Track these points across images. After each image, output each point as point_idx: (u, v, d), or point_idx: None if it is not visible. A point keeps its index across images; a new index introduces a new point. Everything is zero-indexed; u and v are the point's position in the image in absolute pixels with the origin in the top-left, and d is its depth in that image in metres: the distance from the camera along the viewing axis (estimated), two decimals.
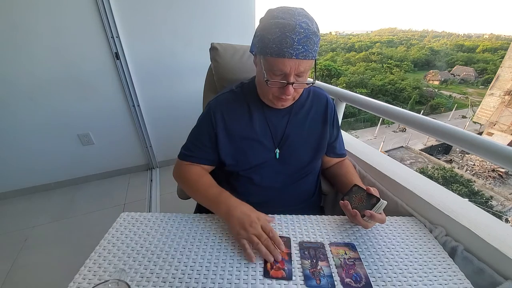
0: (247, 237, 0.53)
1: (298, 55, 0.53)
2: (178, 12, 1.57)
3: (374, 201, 0.56)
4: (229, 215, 0.58)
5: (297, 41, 0.51)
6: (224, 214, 0.59)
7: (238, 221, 0.55)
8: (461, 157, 16.15)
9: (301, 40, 0.52)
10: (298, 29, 0.51)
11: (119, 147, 1.88)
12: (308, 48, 0.53)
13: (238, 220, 0.55)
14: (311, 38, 0.53)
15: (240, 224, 0.55)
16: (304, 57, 0.53)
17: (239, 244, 0.53)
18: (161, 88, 1.77)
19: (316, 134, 0.73)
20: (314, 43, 0.54)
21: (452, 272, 0.51)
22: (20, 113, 1.51)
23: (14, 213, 1.61)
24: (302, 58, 0.53)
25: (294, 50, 0.52)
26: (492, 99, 21.58)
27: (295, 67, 0.54)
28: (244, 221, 0.55)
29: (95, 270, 0.49)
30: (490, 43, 69.33)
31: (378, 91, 29.90)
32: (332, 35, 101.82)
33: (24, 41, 1.34)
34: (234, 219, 0.56)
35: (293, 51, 0.52)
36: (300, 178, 0.73)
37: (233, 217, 0.56)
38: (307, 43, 0.53)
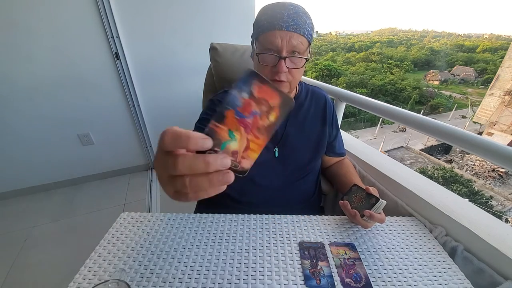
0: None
1: (289, 27, 0.53)
2: (178, 12, 1.57)
3: (373, 201, 0.56)
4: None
5: (287, 15, 0.53)
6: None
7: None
8: (461, 157, 16.16)
9: (291, 14, 0.54)
10: (288, 6, 0.54)
11: (119, 147, 1.88)
12: (299, 22, 0.54)
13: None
14: (302, 16, 0.55)
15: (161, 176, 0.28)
16: (295, 30, 0.54)
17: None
18: (161, 88, 1.77)
19: (315, 134, 0.73)
20: (305, 21, 0.55)
21: (452, 272, 0.51)
22: (20, 113, 1.51)
23: (14, 213, 1.61)
24: (293, 31, 0.54)
25: (284, 23, 0.53)
26: (492, 99, 21.60)
27: (287, 40, 0.54)
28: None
29: (95, 270, 0.49)
30: (490, 43, 69.37)
31: (378, 91, 29.93)
32: (332, 35, 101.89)
33: (24, 41, 1.34)
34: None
35: (283, 23, 0.53)
36: (300, 178, 0.73)
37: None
38: (298, 18, 0.54)
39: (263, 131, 0.26)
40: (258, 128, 0.26)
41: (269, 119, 0.26)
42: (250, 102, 0.25)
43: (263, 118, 0.26)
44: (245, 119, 0.25)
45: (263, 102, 0.26)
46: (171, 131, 0.23)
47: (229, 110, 0.25)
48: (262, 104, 0.26)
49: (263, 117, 0.26)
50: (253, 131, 0.26)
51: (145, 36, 1.56)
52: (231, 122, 0.25)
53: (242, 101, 0.25)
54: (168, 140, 0.22)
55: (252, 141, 0.26)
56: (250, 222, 0.62)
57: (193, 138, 0.22)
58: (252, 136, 0.26)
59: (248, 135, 0.26)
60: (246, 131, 0.26)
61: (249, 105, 0.25)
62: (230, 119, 0.25)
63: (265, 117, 0.26)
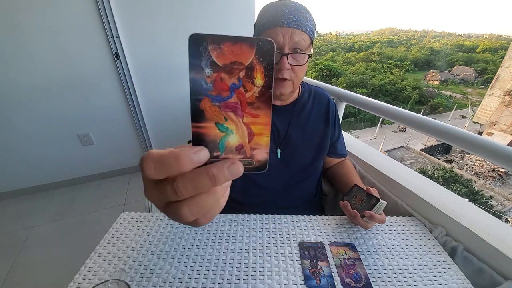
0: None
1: (290, 23, 0.54)
2: (178, 12, 1.57)
3: (373, 202, 0.56)
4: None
5: (288, 12, 0.54)
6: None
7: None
8: (461, 157, 16.16)
9: (292, 11, 0.54)
10: (289, 3, 0.55)
11: (119, 147, 1.88)
12: (300, 18, 0.54)
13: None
14: (303, 13, 0.55)
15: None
16: (297, 26, 0.54)
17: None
18: (161, 88, 1.77)
19: (318, 135, 0.73)
20: (306, 18, 0.56)
21: (452, 272, 0.51)
22: (20, 113, 1.51)
23: (14, 213, 1.61)
24: (294, 27, 0.54)
25: (285, 19, 0.53)
26: (492, 99, 21.61)
27: (288, 36, 0.54)
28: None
29: (95, 270, 0.49)
30: (490, 43, 69.40)
31: (378, 91, 29.94)
32: (332, 35, 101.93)
33: (24, 41, 1.34)
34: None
35: (284, 20, 0.53)
36: (302, 179, 0.73)
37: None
38: (299, 14, 0.55)
39: (258, 104, 0.19)
40: (250, 103, 0.19)
41: (256, 83, 0.19)
42: (220, 76, 0.18)
43: (249, 87, 0.19)
44: (227, 101, 0.19)
45: (236, 66, 0.18)
46: (150, 157, 0.17)
47: (202, 100, 0.18)
48: (235, 70, 0.18)
49: (247, 86, 0.19)
50: (246, 110, 0.19)
51: (145, 36, 1.56)
52: (214, 113, 0.19)
53: (210, 81, 0.18)
54: (151, 170, 0.17)
55: (252, 124, 0.20)
56: (250, 222, 0.62)
57: (184, 156, 0.17)
58: (249, 117, 0.20)
59: (243, 119, 0.20)
60: (237, 115, 0.19)
61: (221, 81, 0.18)
62: (210, 110, 0.19)
63: (250, 85, 0.19)
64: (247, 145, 0.20)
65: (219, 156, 0.20)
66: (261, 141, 0.20)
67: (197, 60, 0.18)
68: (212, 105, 0.19)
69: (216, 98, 0.19)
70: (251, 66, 0.18)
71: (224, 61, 0.18)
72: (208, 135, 0.19)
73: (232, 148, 0.20)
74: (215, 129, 0.19)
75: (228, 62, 0.18)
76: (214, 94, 0.18)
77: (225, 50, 0.18)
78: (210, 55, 0.18)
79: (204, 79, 0.18)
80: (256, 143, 0.20)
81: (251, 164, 0.20)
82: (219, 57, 0.18)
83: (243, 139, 0.20)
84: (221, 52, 0.18)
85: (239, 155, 0.20)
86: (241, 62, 0.18)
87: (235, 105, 0.19)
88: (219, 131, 0.19)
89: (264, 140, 0.20)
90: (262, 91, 0.19)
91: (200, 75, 0.18)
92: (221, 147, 0.20)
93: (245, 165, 0.20)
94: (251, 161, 0.20)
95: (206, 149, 0.18)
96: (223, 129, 0.19)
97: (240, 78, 0.19)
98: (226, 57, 0.18)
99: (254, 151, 0.20)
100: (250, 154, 0.20)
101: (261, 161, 0.21)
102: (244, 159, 0.20)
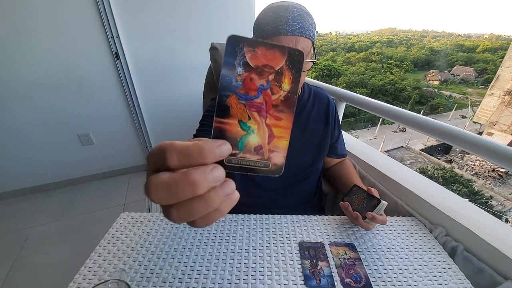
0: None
1: (294, 31, 0.52)
2: (178, 12, 1.57)
3: (375, 203, 0.56)
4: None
5: (292, 18, 0.52)
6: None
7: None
8: (461, 157, 16.16)
9: (295, 17, 0.52)
10: (291, 8, 0.52)
11: (119, 147, 1.88)
12: (304, 25, 0.53)
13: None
14: (306, 18, 0.53)
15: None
16: (301, 33, 0.52)
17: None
18: (161, 88, 1.77)
19: (318, 135, 0.73)
20: (309, 23, 0.54)
21: (452, 272, 0.51)
22: (20, 113, 1.51)
23: (14, 213, 1.61)
24: (299, 35, 0.52)
25: (289, 27, 0.51)
26: (492, 99, 21.61)
27: (293, 45, 0.53)
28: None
29: (95, 270, 0.49)
30: (490, 43, 69.41)
31: (378, 91, 29.93)
32: (332, 35, 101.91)
33: (24, 41, 1.34)
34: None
35: (288, 28, 0.51)
36: (302, 179, 0.73)
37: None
38: (302, 21, 0.52)
39: (282, 108, 0.20)
40: (275, 106, 0.20)
41: (283, 88, 0.20)
42: (251, 76, 0.19)
43: (276, 90, 0.20)
44: (253, 101, 0.19)
45: (266, 69, 0.19)
46: (174, 148, 0.17)
47: (230, 97, 0.19)
48: (265, 72, 0.19)
49: (274, 89, 0.19)
50: (270, 112, 0.20)
51: (145, 36, 1.56)
52: (238, 111, 0.19)
53: (240, 79, 0.19)
54: (174, 160, 0.16)
55: (274, 126, 0.20)
56: (250, 222, 0.62)
57: (208, 149, 0.17)
58: (271, 119, 0.20)
59: (266, 120, 0.20)
60: (261, 116, 0.20)
61: (251, 81, 0.19)
62: (235, 107, 0.19)
63: (277, 88, 0.20)
64: (266, 147, 0.20)
65: (237, 154, 0.20)
66: (280, 144, 0.20)
67: (231, 59, 0.18)
68: (238, 103, 0.19)
69: (243, 97, 0.19)
70: (280, 71, 0.19)
71: (256, 63, 0.19)
72: (230, 132, 0.19)
73: (251, 148, 0.20)
74: (237, 126, 0.19)
75: (260, 64, 0.19)
76: (242, 93, 0.19)
77: (259, 53, 0.19)
78: (245, 55, 0.19)
79: (235, 76, 0.19)
80: (275, 146, 0.20)
81: (267, 166, 0.20)
82: (253, 59, 0.19)
83: (263, 140, 0.20)
84: (255, 54, 0.19)
85: (257, 155, 0.20)
86: (272, 66, 0.19)
87: (260, 105, 0.20)
88: (241, 129, 0.19)
89: (283, 143, 0.20)
90: (287, 95, 0.20)
91: (232, 72, 0.19)
92: (240, 146, 0.20)
93: (261, 167, 0.20)
94: (267, 164, 0.20)
95: (228, 144, 0.18)
96: (245, 127, 0.19)
97: (269, 81, 0.19)
98: (259, 60, 0.19)
99: (272, 154, 0.20)
100: (268, 156, 0.20)
101: (277, 164, 0.21)
102: (260, 160, 0.20)
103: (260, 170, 0.20)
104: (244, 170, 0.20)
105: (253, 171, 0.21)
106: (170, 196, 0.16)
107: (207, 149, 0.17)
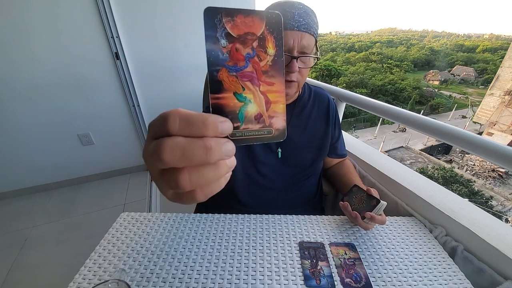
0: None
1: (300, 27, 0.53)
2: (178, 12, 1.57)
3: (374, 203, 0.56)
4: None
5: (298, 14, 0.53)
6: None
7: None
8: (461, 157, 16.16)
9: (301, 14, 0.54)
10: (298, 5, 0.54)
11: (119, 147, 1.88)
12: (309, 21, 0.54)
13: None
14: (311, 15, 0.55)
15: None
16: (306, 29, 0.54)
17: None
18: (161, 88, 1.77)
19: (318, 135, 0.73)
20: (313, 21, 0.56)
21: (452, 272, 0.51)
22: (20, 113, 1.51)
23: (14, 213, 1.61)
24: (304, 31, 0.54)
25: (295, 22, 0.53)
26: (492, 99, 21.61)
27: (298, 40, 0.54)
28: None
29: (95, 270, 0.49)
30: (490, 43, 69.42)
31: (378, 91, 29.94)
32: (332, 35, 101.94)
33: (24, 41, 1.34)
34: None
35: (294, 23, 0.53)
36: (302, 179, 0.73)
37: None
38: (307, 17, 0.54)
39: (272, 72, 0.20)
40: (265, 72, 0.20)
41: (269, 52, 0.20)
42: (236, 47, 0.19)
43: (262, 56, 0.20)
44: (243, 71, 0.19)
45: (249, 37, 0.19)
46: (178, 113, 0.17)
47: (220, 71, 0.19)
48: (249, 40, 0.19)
49: (261, 55, 0.20)
50: (262, 79, 0.20)
51: (145, 36, 1.56)
52: (232, 83, 0.19)
53: (226, 51, 0.19)
54: (175, 124, 0.16)
55: (268, 92, 0.20)
56: (250, 222, 0.62)
57: (211, 122, 0.17)
58: (264, 86, 0.20)
59: (260, 87, 0.20)
60: (254, 84, 0.20)
61: (237, 51, 0.19)
62: (227, 80, 0.19)
63: (263, 54, 0.20)
64: (265, 114, 0.20)
65: (239, 127, 0.20)
66: (277, 109, 0.21)
67: (212, 32, 0.18)
68: (229, 75, 0.19)
69: (233, 68, 0.19)
70: (262, 36, 0.19)
71: (238, 32, 0.19)
72: (227, 106, 0.19)
73: (251, 117, 0.20)
74: (233, 99, 0.19)
75: (242, 33, 0.19)
76: (231, 64, 0.19)
77: (239, 22, 0.19)
78: (225, 26, 0.18)
79: (220, 50, 0.19)
80: (273, 111, 0.21)
81: (270, 133, 0.21)
82: (233, 28, 0.19)
83: (261, 108, 0.20)
84: (234, 24, 0.19)
85: (258, 124, 0.20)
86: (253, 33, 0.19)
87: (251, 74, 0.20)
88: (237, 101, 0.19)
89: (280, 107, 0.21)
90: (274, 59, 0.20)
91: (217, 46, 0.18)
92: (241, 117, 0.20)
93: (264, 134, 0.20)
94: (270, 130, 0.21)
95: (230, 122, 0.18)
96: (241, 98, 0.20)
97: (254, 48, 0.19)
98: (240, 29, 0.19)
99: (272, 119, 0.21)
100: (268, 122, 0.20)
101: (279, 129, 0.21)
102: (263, 128, 0.20)
103: (264, 138, 0.20)
104: (250, 141, 0.20)
105: (258, 140, 0.21)
106: (183, 158, 0.16)
107: (211, 121, 0.17)
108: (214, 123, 0.17)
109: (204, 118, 0.17)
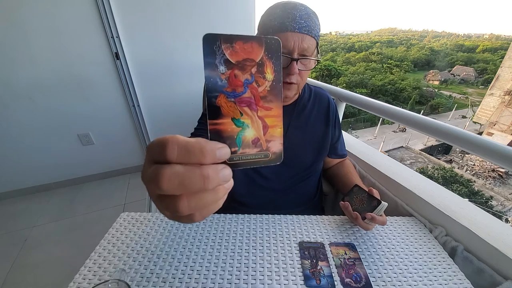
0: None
1: (302, 29, 0.53)
2: (178, 12, 1.57)
3: (375, 204, 0.56)
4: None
5: (299, 16, 0.53)
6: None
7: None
8: (461, 157, 16.16)
9: (303, 16, 0.53)
10: (299, 7, 0.54)
11: (119, 147, 1.88)
12: (310, 23, 0.54)
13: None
14: (312, 17, 0.55)
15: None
16: (307, 32, 0.53)
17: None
18: (161, 88, 1.77)
19: (318, 135, 0.73)
20: (315, 23, 0.55)
21: (452, 272, 0.51)
22: (20, 113, 1.51)
23: (14, 213, 1.61)
24: (305, 33, 0.53)
25: (297, 24, 0.52)
26: (492, 99, 21.62)
27: (299, 42, 0.53)
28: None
29: (95, 270, 0.49)
30: (490, 43, 69.43)
31: (378, 91, 29.93)
32: (332, 35, 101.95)
33: (24, 41, 1.34)
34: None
35: (295, 25, 0.52)
36: (302, 179, 0.73)
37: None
38: (309, 19, 0.54)
39: (270, 97, 0.20)
40: (263, 97, 0.20)
41: (267, 78, 0.20)
42: (234, 73, 0.19)
43: (261, 82, 0.20)
44: (242, 96, 0.20)
45: (248, 63, 0.19)
46: (176, 141, 0.17)
47: (218, 97, 0.19)
48: (247, 66, 0.19)
49: (259, 81, 0.20)
50: (260, 104, 0.20)
51: (145, 36, 1.56)
52: (230, 109, 0.19)
53: (225, 78, 0.19)
54: (174, 153, 0.16)
55: (266, 117, 0.20)
56: (250, 222, 0.62)
57: (209, 149, 0.17)
58: (262, 111, 0.20)
59: (258, 112, 0.20)
60: (252, 109, 0.20)
61: (235, 77, 0.19)
62: (226, 106, 0.19)
63: (261, 80, 0.20)
64: (262, 138, 0.21)
65: (237, 151, 0.20)
66: (275, 133, 0.21)
67: (211, 59, 0.19)
68: (227, 101, 0.19)
69: (231, 94, 0.19)
70: (261, 62, 0.20)
71: (237, 58, 0.19)
72: (225, 131, 0.20)
73: (248, 142, 0.20)
74: (231, 124, 0.20)
75: (241, 59, 0.19)
76: (229, 90, 0.19)
77: (237, 48, 0.19)
78: (224, 53, 0.19)
79: (219, 76, 0.19)
80: (270, 135, 0.21)
81: (267, 156, 0.21)
82: (232, 55, 0.19)
83: (259, 132, 0.20)
84: (233, 50, 0.19)
85: (256, 148, 0.20)
86: (252, 59, 0.19)
87: (249, 99, 0.20)
88: (235, 126, 0.20)
89: (278, 131, 0.21)
90: (273, 84, 0.20)
91: (215, 72, 0.19)
92: (238, 142, 0.20)
93: (261, 158, 0.21)
94: (267, 154, 0.21)
95: (228, 148, 0.19)
96: (239, 124, 0.20)
97: (253, 74, 0.20)
98: (238, 55, 0.19)
99: (269, 143, 0.21)
100: (266, 146, 0.21)
101: (276, 152, 0.21)
102: (260, 152, 0.21)
103: (261, 161, 0.21)
104: (247, 165, 0.21)
105: (255, 163, 0.21)
106: (181, 187, 0.16)
107: (208, 148, 0.17)
108: (211, 150, 0.17)
109: (202, 146, 0.17)
